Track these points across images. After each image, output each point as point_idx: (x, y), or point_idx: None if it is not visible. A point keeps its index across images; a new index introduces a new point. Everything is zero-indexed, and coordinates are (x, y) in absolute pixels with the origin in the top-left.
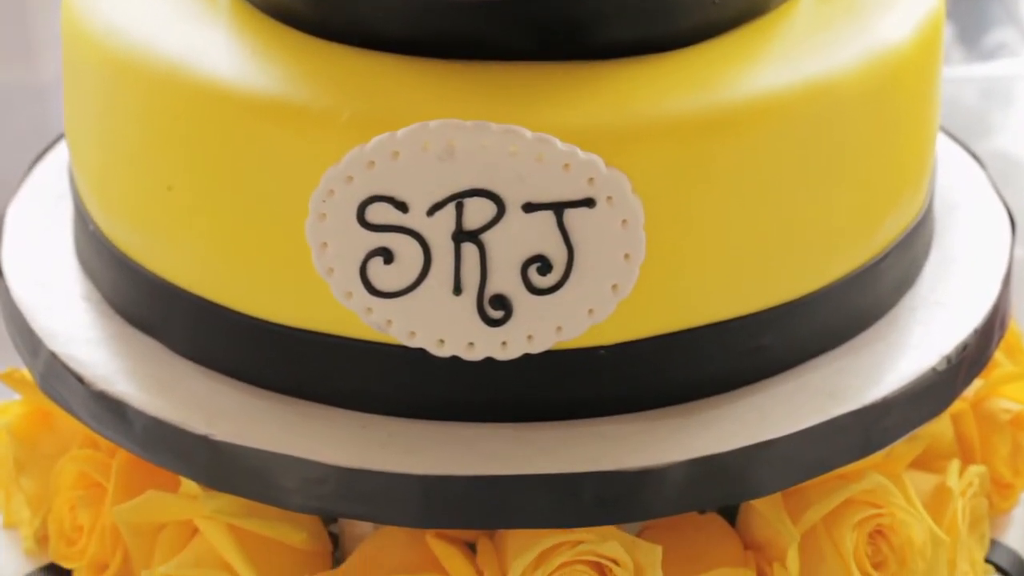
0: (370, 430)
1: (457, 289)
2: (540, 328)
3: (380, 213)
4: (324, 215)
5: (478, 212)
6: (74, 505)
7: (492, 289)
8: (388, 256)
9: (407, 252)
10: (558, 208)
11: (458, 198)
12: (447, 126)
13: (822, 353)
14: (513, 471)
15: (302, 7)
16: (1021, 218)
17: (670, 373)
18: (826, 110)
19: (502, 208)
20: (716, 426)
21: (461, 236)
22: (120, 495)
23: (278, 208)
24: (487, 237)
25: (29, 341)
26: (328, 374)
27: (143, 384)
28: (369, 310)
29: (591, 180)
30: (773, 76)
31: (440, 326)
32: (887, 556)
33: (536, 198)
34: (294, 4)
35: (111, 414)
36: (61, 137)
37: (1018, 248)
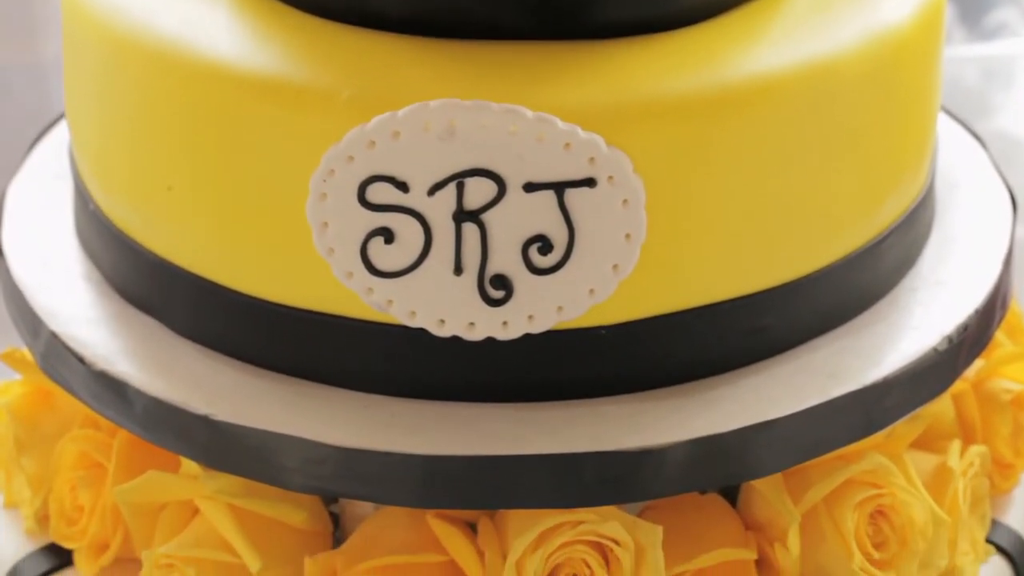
0: (371, 410)
1: (458, 269)
2: (541, 308)
3: (381, 193)
4: (325, 195)
5: (479, 192)
6: (75, 485)
7: (493, 269)
8: (389, 236)
9: (408, 232)
10: (559, 188)
11: (459, 178)
12: (448, 106)
13: (823, 334)
14: (514, 451)
15: None
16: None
17: (671, 353)
18: (827, 90)
19: (503, 188)
20: (717, 406)
21: (462, 216)
22: (121, 475)
23: (278, 188)
24: (488, 217)
25: (30, 321)
26: (329, 354)
27: (144, 364)
28: (370, 290)
29: (592, 160)
30: (774, 56)
31: (441, 306)
32: (888, 536)
33: (537, 178)
34: None
35: (112, 394)
36: (61, 117)
37: (1019, 228)
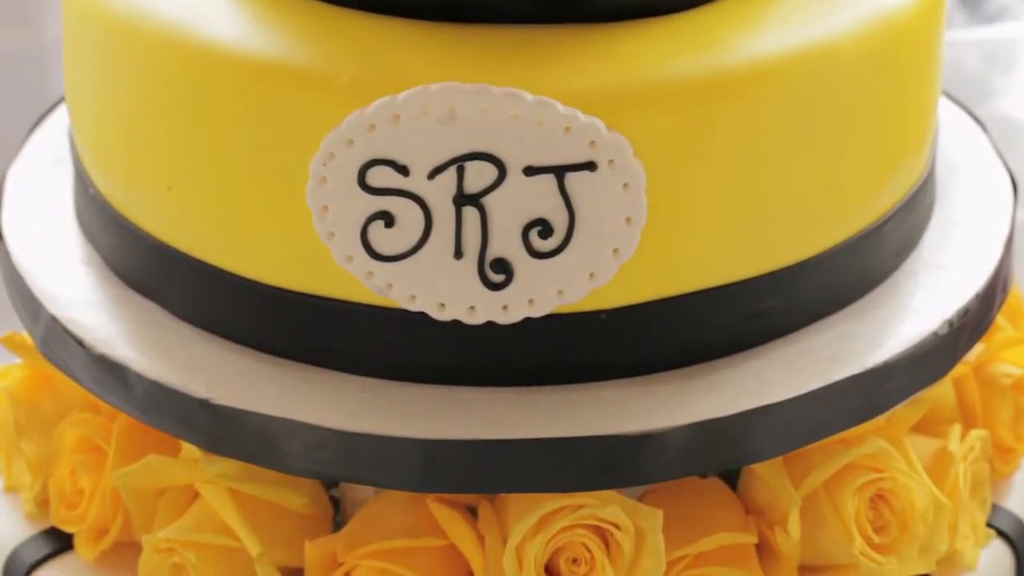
0: (371, 394)
1: (458, 253)
2: (541, 292)
3: (381, 177)
4: (325, 179)
5: (479, 175)
6: (75, 469)
7: (493, 253)
8: (389, 220)
9: (408, 216)
10: (559, 171)
11: (459, 161)
12: (448, 89)
13: (824, 317)
14: (514, 435)
15: None
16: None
17: (672, 337)
18: (828, 73)
19: (503, 171)
20: (718, 390)
21: (462, 199)
22: (121, 459)
23: (278, 172)
24: (488, 200)
25: (29, 305)
26: (329, 338)
27: (144, 348)
28: (370, 274)
29: (592, 143)
30: (775, 40)
31: (441, 290)
32: (888, 520)
33: (537, 161)
34: None
35: (112, 378)
36: (61, 100)
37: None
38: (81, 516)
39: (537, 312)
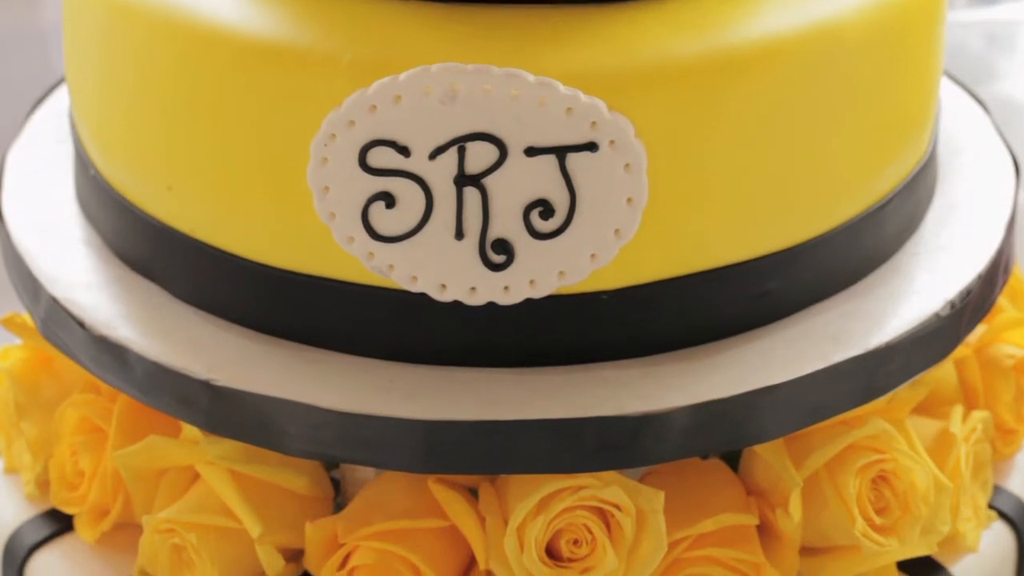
0: (372, 375)
1: (459, 233)
2: (542, 273)
3: (382, 157)
4: (326, 159)
5: (480, 156)
6: (75, 450)
7: (494, 233)
8: (390, 200)
9: (409, 196)
10: (560, 152)
11: (460, 142)
12: (449, 70)
13: (825, 298)
14: (515, 416)
15: None
16: None
17: (673, 318)
18: (830, 54)
19: (504, 152)
20: (719, 371)
21: (463, 180)
22: (121, 440)
23: (279, 152)
24: (489, 181)
25: (30, 286)
26: (330, 319)
27: (144, 329)
28: (371, 255)
29: (594, 124)
30: (776, 20)
31: (442, 271)
32: (890, 502)
33: (538, 142)
34: None
35: (112, 359)
36: (62, 81)
37: (1022, 193)
38: (82, 497)
39: (538, 293)
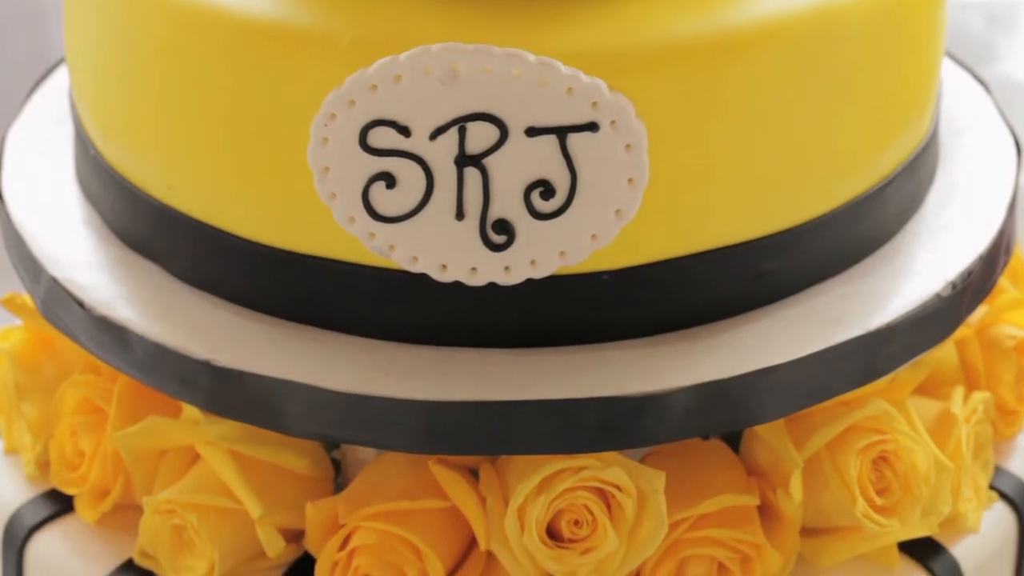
0: (373, 356)
1: (460, 214)
2: (543, 253)
3: (382, 137)
4: (326, 139)
5: (481, 136)
6: (75, 431)
7: (495, 214)
8: (390, 181)
9: (409, 176)
10: (561, 132)
11: (461, 122)
12: (450, 50)
13: (826, 279)
14: (516, 397)
15: None
16: None
17: (674, 298)
18: (832, 34)
19: (505, 132)
20: (720, 352)
21: (464, 160)
22: (121, 421)
23: (280, 132)
24: (490, 161)
25: (30, 266)
26: (330, 299)
27: (144, 309)
28: (372, 235)
29: (594, 104)
30: (778, 0)
31: (443, 251)
32: (891, 482)
33: (539, 122)
34: None
35: (112, 339)
36: (61, 62)
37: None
38: (82, 478)
39: (539, 273)
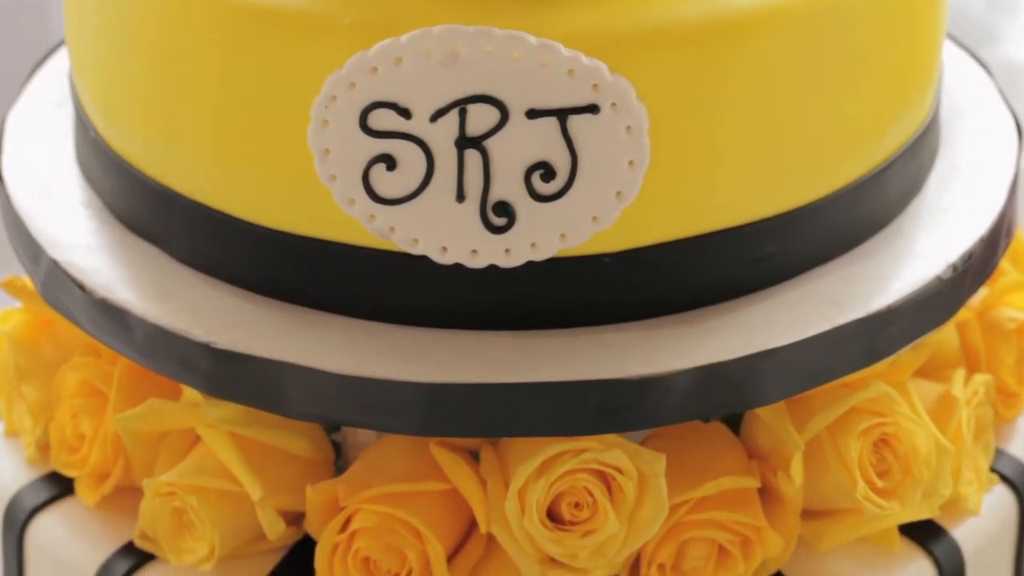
0: (373, 338)
1: (460, 196)
2: (544, 235)
3: (383, 119)
4: (326, 121)
5: (481, 118)
6: (76, 413)
7: (495, 196)
8: (391, 163)
9: (410, 159)
10: (562, 114)
11: (461, 104)
12: (450, 31)
13: (827, 261)
14: (516, 379)
15: None
16: None
17: (675, 281)
18: (833, 16)
19: (505, 114)
20: (721, 334)
21: (464, 142)
22: (122, 403)
23: (280, 114)
24: (490, 143)
25: (30, 249)
26: (331, 282)
27: (144, 292)
28: (372, 217)
29: (595, 86)
30: None
31: (443, 233)
32: (892, 465)
33: (540, 104)
34: None
35: (112, 322)
36: (62, 43)
37: None
38: (82, 460)
39: (539, 256)
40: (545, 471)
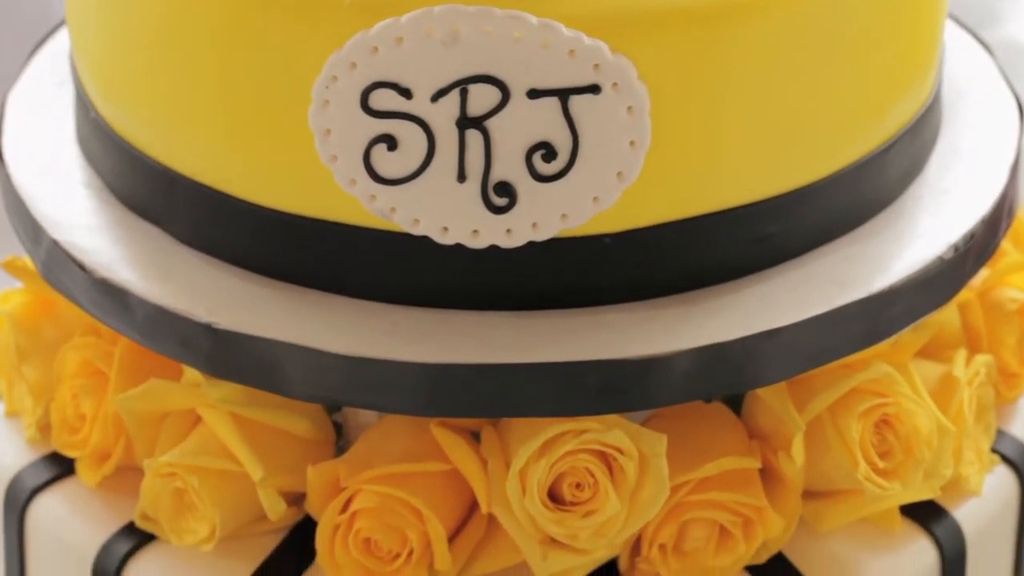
0: (374, 318)
1: (461, 176)
2: (545, 215)
3: (384, 99)
4: (327, 102)
5: (482, 98)
6: (76, 393)
7: (496, 176)
8: (392, 143)
9: (411, 139)
10: (563, 94)
11: (462, 84)
12: (451, 11)
13: (829, 242)
14: (517, 359)
15: None
16: None
17: (676, 261)
18: None
19: (507, 94)
20: (722, 314)
21: (465, 122)
22: (122, 383)
23: (281, 94)
24: (491, 123)
25: (31, 229)
26: (332, 262)
27: (145, 272)
28: (373, 197)
29: (596, 66)
30: None
31: (444, 213)
32: (893, 445)
33: (541, 84)
34: None
35: (113, 302)
36: (62, 23)
37: None
38: (83, 441)
39: (541, 236)
40: (546, 451)
